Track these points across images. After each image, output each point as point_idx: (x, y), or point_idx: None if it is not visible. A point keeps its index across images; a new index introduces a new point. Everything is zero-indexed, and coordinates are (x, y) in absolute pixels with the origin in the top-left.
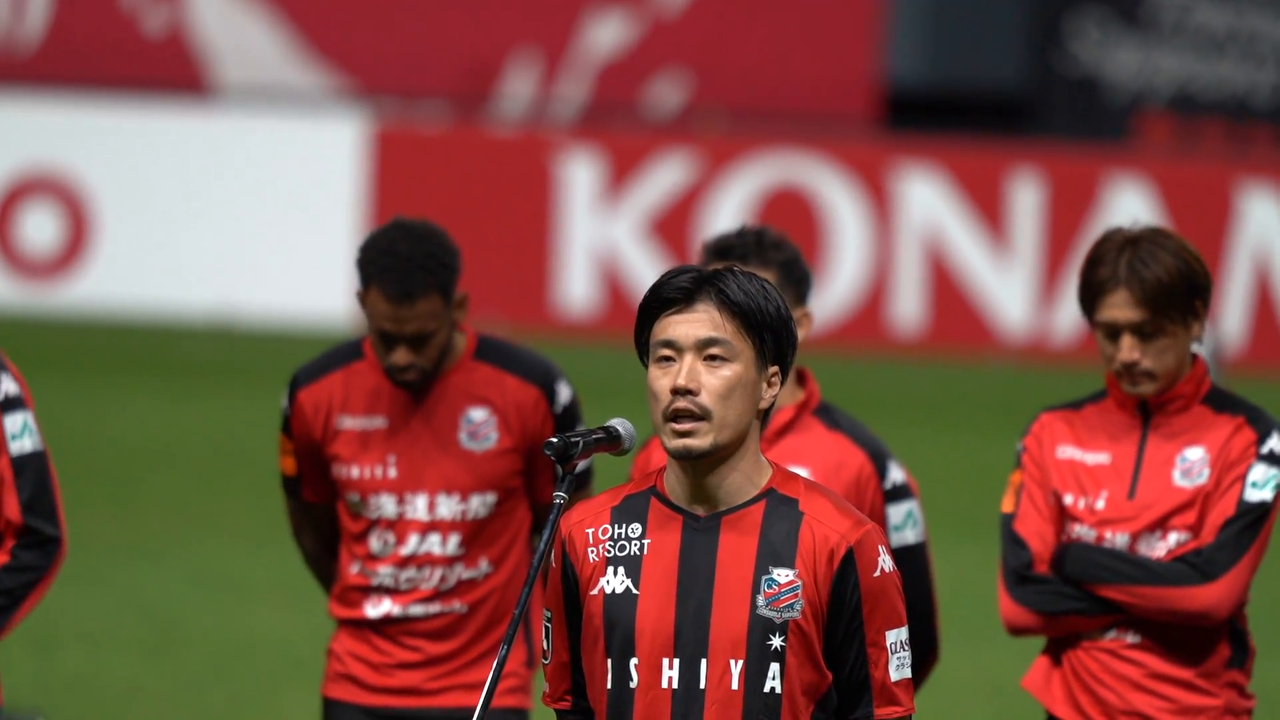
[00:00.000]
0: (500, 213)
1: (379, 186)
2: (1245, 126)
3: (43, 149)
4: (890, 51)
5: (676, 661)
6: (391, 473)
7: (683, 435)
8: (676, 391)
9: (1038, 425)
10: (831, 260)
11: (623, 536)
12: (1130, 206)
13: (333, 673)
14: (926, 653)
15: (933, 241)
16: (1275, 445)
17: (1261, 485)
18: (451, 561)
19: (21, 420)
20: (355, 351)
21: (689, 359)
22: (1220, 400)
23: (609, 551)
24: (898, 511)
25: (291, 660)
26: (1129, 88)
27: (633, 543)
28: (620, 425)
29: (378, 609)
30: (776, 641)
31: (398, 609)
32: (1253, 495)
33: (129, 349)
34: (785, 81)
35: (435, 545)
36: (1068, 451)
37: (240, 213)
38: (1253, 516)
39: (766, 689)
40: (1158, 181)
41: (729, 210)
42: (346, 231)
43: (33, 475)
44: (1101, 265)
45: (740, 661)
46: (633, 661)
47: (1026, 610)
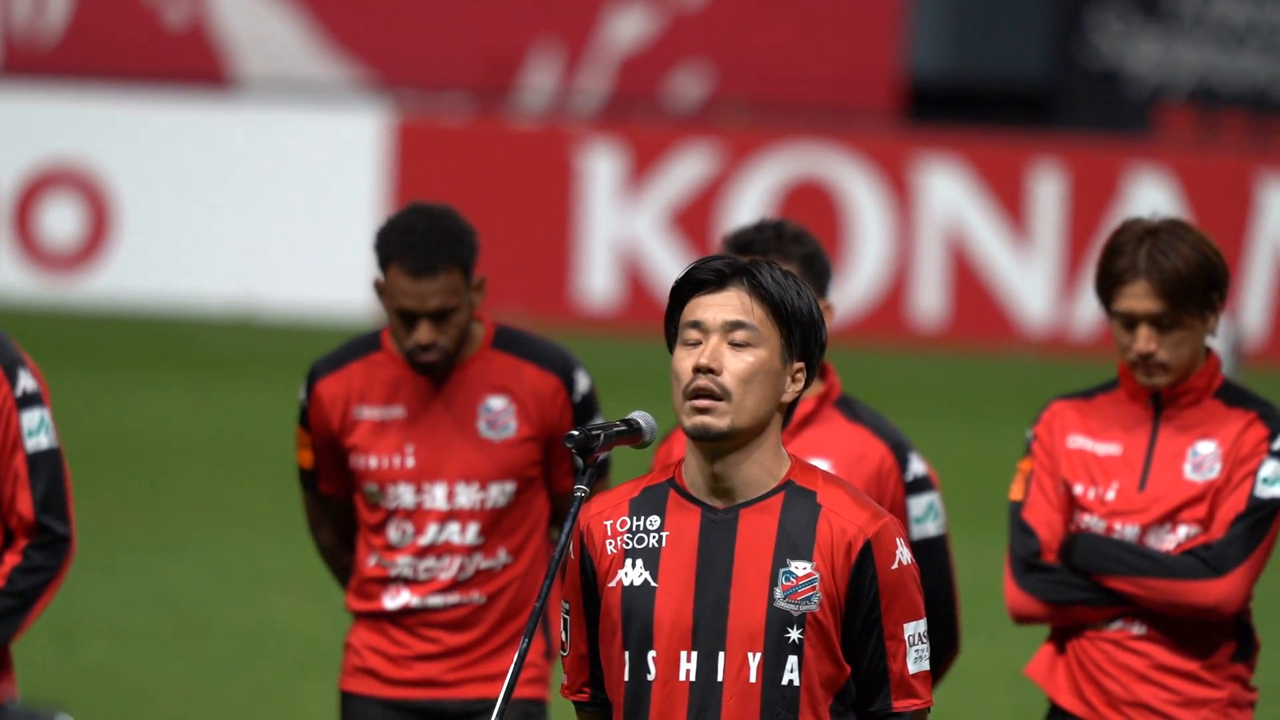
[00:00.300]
0: (521, 205)
1: (400, 179)
2: (1266, 119)
3: (64, 142)
4: (911, 44)
5: (694, 654)
6: (410, 462)
7: (701, 413)
8: (698, 369)
9: (1049, 413)
10: (853, 252)
11: (641, 528)
12: (1151, 199)
13: (350, 666)
14: (947, 645)
15: (954, 234)
16: None
17: (1273, 481)
18: (470, 551)
19: (39, 417)
20: (373, 343)
21: (714, 340)
22: (1232, 395)
23: (627, 543)
24: (919, 504)
25: (313, 651)
26: (1150, 80)
27: (651, 535)
28: (641, 418)
29: (396, 600)
30: (794, 634)
31: (416, 600)
32: (1264, 491)
33: (150, 341)
34: (806, 74)
35: (454, 534)
36: (1078, 441)
37: (261, 205)
38: (1264, 513)
39: (784, 681)
40: (1178, 174)
41: (750, 203)
42: (367, 224)
43: (47, 473)
44: (1121, 255)
45: (758, 654)
46: (650, 654)
47: (1033, 599)
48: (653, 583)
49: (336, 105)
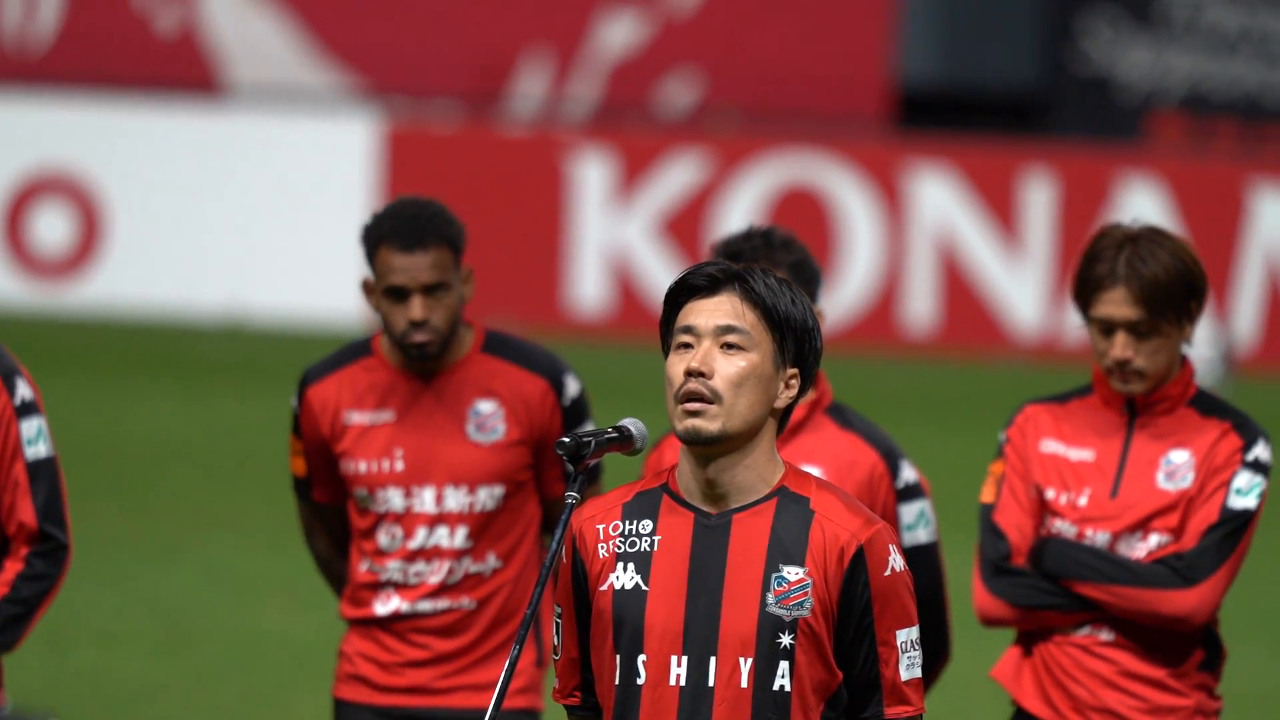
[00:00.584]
0: (512, 212)
1: (391, 186)
2: (1257, 126)
3: (54, 148)
4: (902, 51)
5: (685, 659)
6: (399, 466)
7: (692, 415)
8: (689, 373)
9: (1022, 417)
10: (843, 259)
11: (633, 533)
12: (1142, 206)
13: (343, 673)
14: (938, 652)
15: (945, 241)
16: (1261, 453)
17: (1245, 492)
18: (459, 555)
19: (37, 425)
20: (364, 348)
21: (706, 344)
22: (1207, 404)
23: (619, 547)
24: (910, 511)
25: (304, 658)
26: (1141, 87)
27: (643, 539)
28: (632, 425)
29: (386, 606)
30: (786, 640)
31: (406, 605)
32: (1236, 502)
33: (141, 348)
34: (797, 81)
35: (443, 538)
36: (1051, 446)
37: (252, 212)
38: (1236, 524)
39: (776, 687)
40: (1170, 181)
41: (741, 210)
42: (358, 231)
43: (47, 481)
44: (1100, 262)
45: (750, 659)
46: (641, 658)
47: (1002, 602)
48: (644, 586)
49: (327, 112)
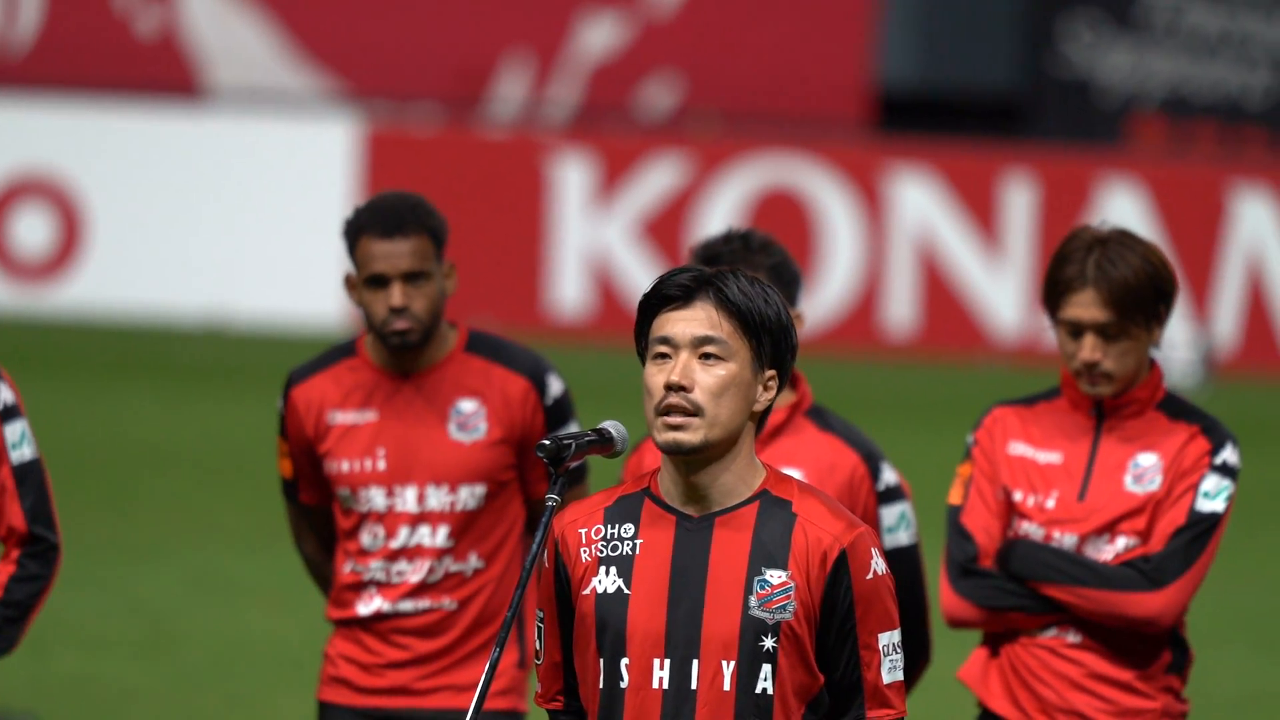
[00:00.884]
0: (492, 215)
1: (371, 188)
2: (1238, 129)
3: (35, 151)
4: (882, 54)
5: (668, 662)
6: (380, 465)
7: (673, 429)
8: (669, 387)
9: (990, 419)
10: (824, 262)
11: (615, 536)
12: (1122, 209)
13: (326, 676)
14: (919, 655)
15: (925, 244)
16: (1229, 457)
17: (1213, 496)
18: (440, 554)
19: (20, 429)
20: (348, 349)
21: (684, 356)
22: (1175, 407)
23: (601, 551)
24: (890, 513)
25: (287, 662)
26: (1121, 90)
27: (625, 543)
28: (612, 427)
29: (369, 606)
30: (768, 642)
31: (387, 605)
32: (1204, 505)
33: (122, 351)
34: (777, 84)
35: (425, 537)
36: (1019, 448)
37: (233, 215)
38: (1203, 527)
39: (758, 690)
40: (1150, 184)
41: (721, 213)
42: (338, 234)
43: (34, 483)
44: (1069, 264)
45: (732, 662)
46: (624, 661)
47: (968, 603)
48: (626, 590)
49: (307, 115)
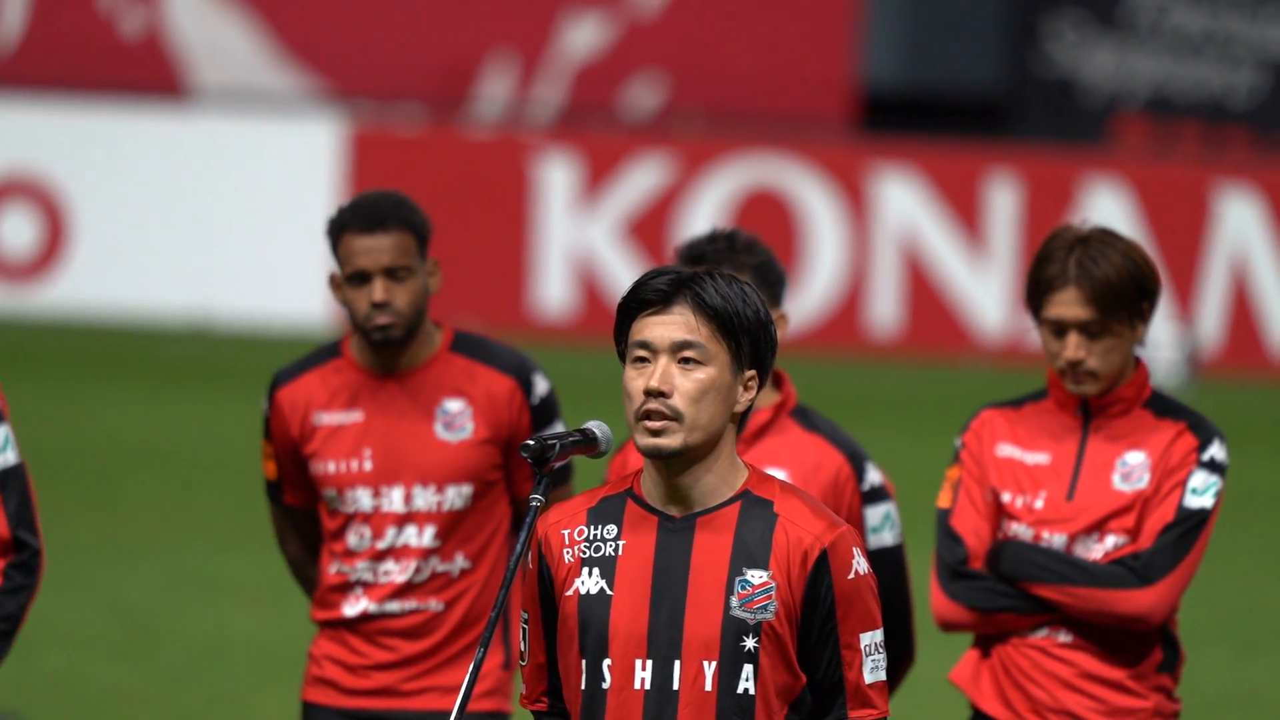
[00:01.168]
0: (477, 215)
1: (356, 188)
2: (1221, 128)
3: (20, 151)
4: (866, 53)
5: (650, 662)
6: (367, 465)
7: (654, 435)
8: (649, 393)
9: (978, 422)
10: (808, 262)
11: (598, 538)
12: (1106, 208)
13: (311, 676)
14: (902, 655)
15: (909, 243)
16: (1216, 453)
17: (1202, 492)
18: (427, 554)
19: (3, 434)
20: (334, 350)
21: (663, 361)
22: (1162, 405)
23: (584, 552)
24: (875, 513)
25: (269, 661)
26: (1105, 90)
27: (608, 544)
28: (597, 428)
29: (355, 607)
30: (750, 643)
31: (374, 606)
32: (1193, 502)
33: (107, 351)
34: (762, 83)
35: (412, 537)
36: (1007, 450)
37: (217, 215)
38: (1192, 523)
39: (740, 690)
40: (1134, 183)
41: (706, 212)
42: (323, 234)
43: (16, 488)
44: (1051, 263)
45: (714, 662)
46: (606, 662)
47: (960, 606)
48: (609, 591)
49: (292, 115)
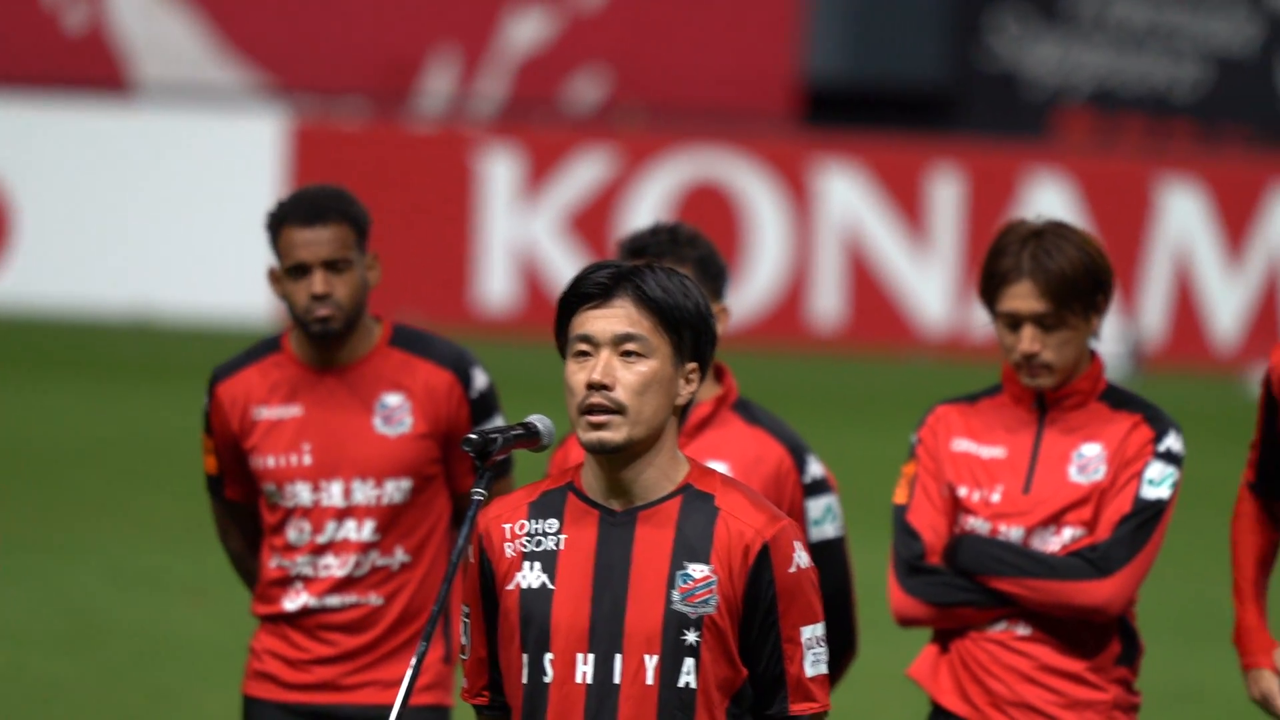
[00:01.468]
0: (420, 209)
1: (299, 183)
2: (1165, 122)
3: None
4: (810, 47)
5: (591, 656)
6: (306, 460)
7: (597, 428)
8: (592, 386)
9: (933, 417)
10: (751, 256)
11: (539, 532)
12: (1050, 202)
13: (252, 671)
14: (845, 647)
15: (852, 237)
16: (1172, 444)
17: (1158, 483)
18: (366, 548)
19: None
20: (273, 345)
21: (605, 354)
22: (1117, 398)
23: (525, 546)
24: (817, 506)
25: (212, 656)
26: (1048, 83)
27: (549, 538)
28: (539, 421)
29: (295, 602)
30: (691, 637)
31: (314, 600)
32: (1149, 493)
33: (48, 346)
34: (705, 77)
35: (351, 531)
36: (963, 445)
37: (160, 209)
38: (1149, 514)
39: (681, 684)
40: (1077, 177)
41: (648, 206)
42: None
43: None
44: (1005, 256)
45: (655, 656)
46: (548, 656)
47: (918, 601)
48: (550, 585)
49: (235, 109)
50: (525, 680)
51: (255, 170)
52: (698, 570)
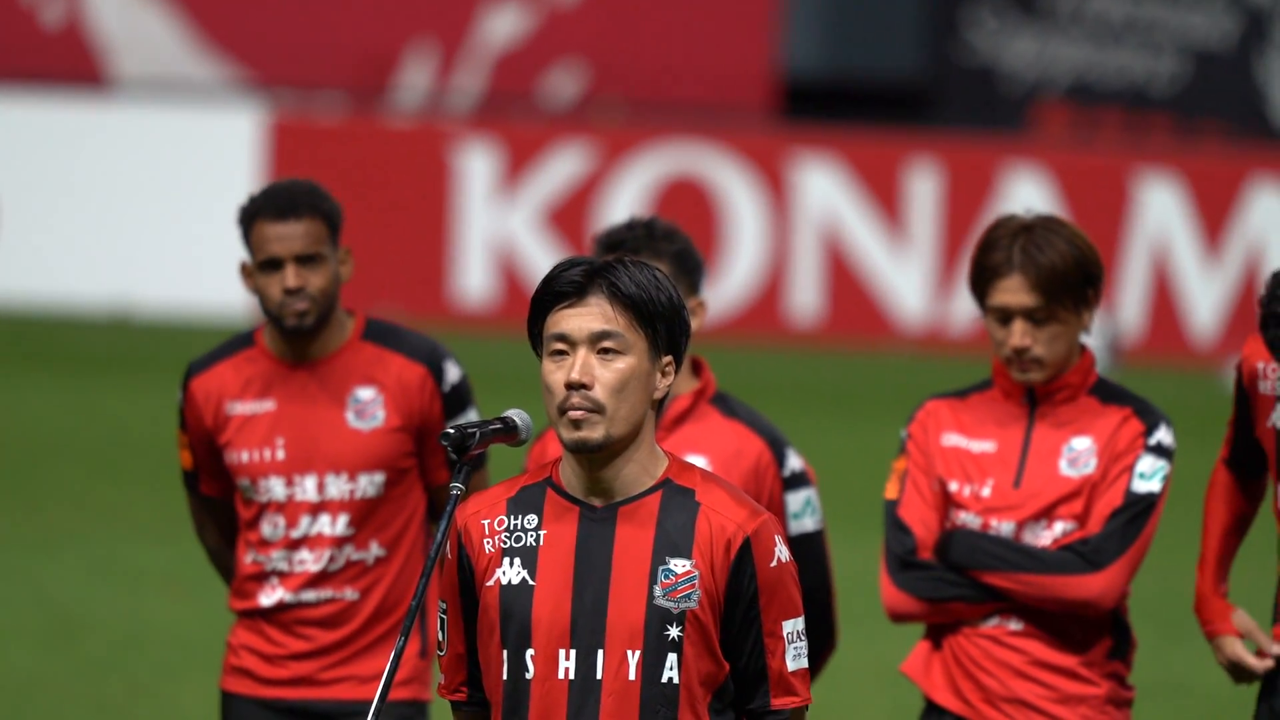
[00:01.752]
0: (397, 204)
1: (276, 177)
2: (1143, 116)
3: None
4: (787, 41)
5: (573, 652)
6: (280, 455)
7: (577, 428)
8: (570, 386)
9: (923, 412)
10: (729, 250)
11: (519, 527)
12: (1028, 196)
13: (229, 666)
14: (825, 641)
15: (830, 231)
16: (1163, 437)
17: (1149, 476)
18: (340, 542)
19: None
20: (247, 340)
21: (582, 352)
22: (1107, 391)
23: (505, 542)
24: (796, 499)
25: (189, 650)
26: (1026, 77)
27: (529, 534)
28: (517, 416)
29: (271, 597)
30: (674, 632)
31: (289, 595)
32: (1140, 486)
33: (25, 341)
34: (682, 71)
35: (325, 526)
36: (953, 439)
37: (138, 204)
38: (1140, 507)
39: (664, 679)
40: (1055, 171)
41: (626, 201)
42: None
43: None
44: (995, 250)
45: (637, 652)
46: (529, 652)
47: (910, 596)
48: (531, 581)
49: (212, 104)
50: (506, 676)
51: (233, 165)
52: (679, 565)
